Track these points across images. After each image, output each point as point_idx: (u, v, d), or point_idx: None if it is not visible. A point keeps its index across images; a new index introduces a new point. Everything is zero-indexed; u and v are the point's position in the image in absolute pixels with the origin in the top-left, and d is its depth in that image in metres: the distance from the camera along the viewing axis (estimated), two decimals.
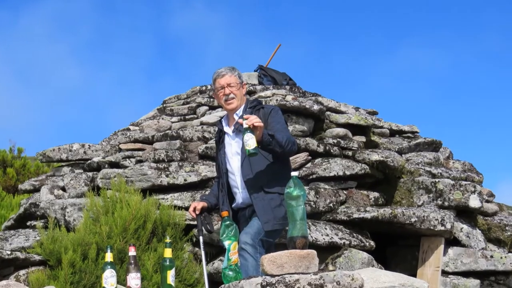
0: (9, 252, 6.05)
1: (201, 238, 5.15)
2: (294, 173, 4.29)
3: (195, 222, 5.83)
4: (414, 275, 6.77)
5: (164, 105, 9.65)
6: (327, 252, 6.43)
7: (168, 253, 4.73)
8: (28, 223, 7.39)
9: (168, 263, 4.70)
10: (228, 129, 5.18)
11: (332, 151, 7.40)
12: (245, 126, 4.62)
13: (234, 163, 5.06)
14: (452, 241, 7.05)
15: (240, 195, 5.03)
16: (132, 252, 4.63)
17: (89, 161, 7.81)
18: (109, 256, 4.57)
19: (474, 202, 7.08)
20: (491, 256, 6.98)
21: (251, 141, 4.62)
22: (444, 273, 6.84)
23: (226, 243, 4.70)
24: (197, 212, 5.19)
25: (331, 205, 6.83)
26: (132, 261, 4.60)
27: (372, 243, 6.69)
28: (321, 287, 3.87)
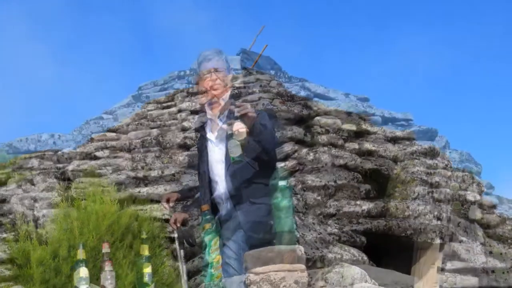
0: None
1: (182, 252, 5.09)
2: (282, 183, 4.25)
3: (176, 235, 5.77)
4: None
5: (140, 91, 9.63)
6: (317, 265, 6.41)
7: (144, 250, 4.63)
8: None
9: (144, 260, 4.62)
10: (211, 135, 5.12)
11: (322, 159, 7.37)
12: (237, 114, 4.52)
13: (217, 171, 5.01)
14: (451, 255, 7.04)
15: (224, 205, 4.97)
16: (106, 249, 4.52)
17: (58, 152, 7.74)
18: (81, 253, 4.47)
19: (474, 213, 7.09)
20: (493, 271, 6.97)
21: (236, 148, 4.57)
22: None
23: (207, 239, 4.63)
24: (178, 224, 5.14)
25: (321, 216, 6.80)
26: (106, 259, 4.50)
27: (363, 238, 6.64)
28: (308, 285, 3.83)
